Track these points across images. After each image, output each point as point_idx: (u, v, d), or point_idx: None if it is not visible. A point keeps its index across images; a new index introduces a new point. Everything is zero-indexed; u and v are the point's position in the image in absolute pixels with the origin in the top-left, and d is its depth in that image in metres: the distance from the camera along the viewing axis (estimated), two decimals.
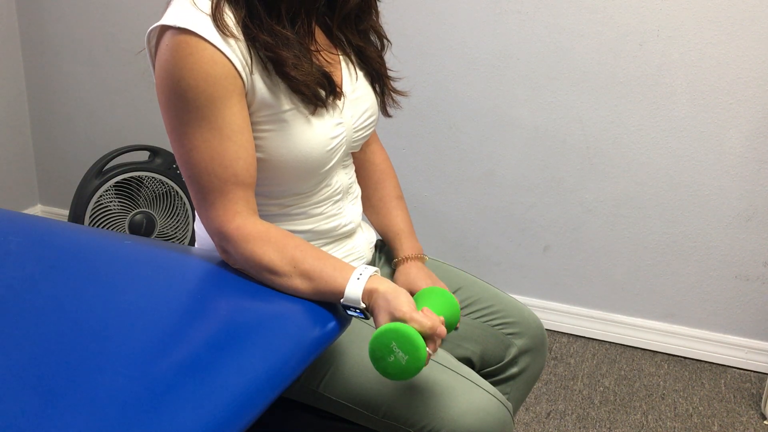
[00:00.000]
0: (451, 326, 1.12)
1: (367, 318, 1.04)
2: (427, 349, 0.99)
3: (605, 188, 2.23)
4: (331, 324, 1.03)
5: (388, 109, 1.31)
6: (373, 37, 1.27)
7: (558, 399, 2.09)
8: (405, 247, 1.33)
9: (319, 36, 1.19)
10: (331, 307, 1.05)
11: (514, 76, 2.21)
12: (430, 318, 1.00)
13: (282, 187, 1.17)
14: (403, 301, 1.00)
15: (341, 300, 1.03)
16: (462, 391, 1.14)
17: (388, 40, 1.29)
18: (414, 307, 1.01)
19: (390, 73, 1.30)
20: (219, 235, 1.09)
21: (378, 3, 1.26)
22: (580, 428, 1.98)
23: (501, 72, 2.21)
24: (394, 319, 1.00)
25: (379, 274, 1.05)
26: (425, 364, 0.99)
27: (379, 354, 0.99)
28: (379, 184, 1.38)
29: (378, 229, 1.38)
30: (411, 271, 1.29)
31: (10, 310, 0.96)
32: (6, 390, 0.82)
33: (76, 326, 0.94)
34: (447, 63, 2.25)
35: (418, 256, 1.32)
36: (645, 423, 2.00)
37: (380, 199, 1.37)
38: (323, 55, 1.17)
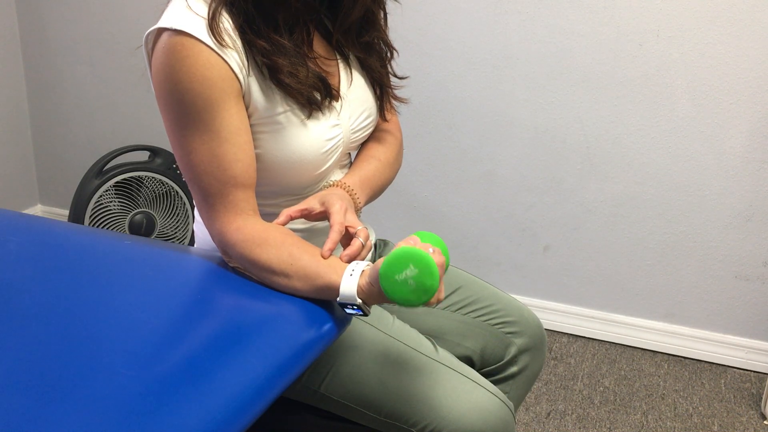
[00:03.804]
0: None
1: (365, 314, 1.02)
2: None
3: (605, 188, 2.23)
4: (331, 324, 1.03)
5: (386, 113, 1.31)
6: (379, 47, 1.25)
7: (558, 399, 2.09)
8: (342, 179, 1.22)
9: (319, 41, 1.19)
10: (330, 307, 1.05)
11: (514, 76, 2.21)
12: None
13: (278, 188, 1.17)
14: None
15: (337, 298, 1.02)
16: (464, 390, 1.14)
17: (395, 50, 1.28)
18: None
19: (396, 81, 1.29)
20: (220, 236, 1.09)
21: (387, 15, 1.25)
22: (580, 428, 1.98)
23: (501, 72, 2.21)
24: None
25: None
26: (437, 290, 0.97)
27: (393, 270, 0.96)
28: (372, 140, 1.31)
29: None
30: (329, 189, 1.19)
31: (10, 310, 0.96)
32: (6, 390, 0.82)
33: (76, 326, 0.94)
34: (447, 63, 2.25)
35: (344, 187, 1.20)
36: (645, 423, 2.00)
37: (362, 150, 1.30)
38: (320, 61, 1.17)
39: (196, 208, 1.17)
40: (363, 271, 1.01)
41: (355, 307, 1.02)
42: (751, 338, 2.24)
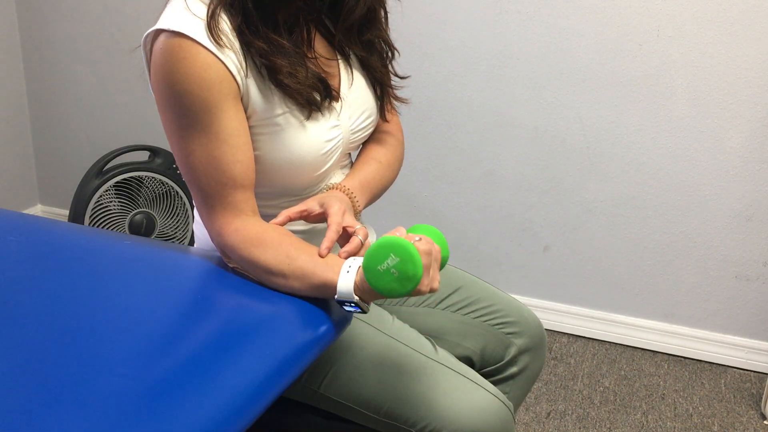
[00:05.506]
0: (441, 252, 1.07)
1: (364, 311, 1.02)
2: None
3: (605, 188, 2.23)
4: (331, 324, 1.03)
5: (386, 113, 1.31)
6: (380, 46, 1.25)
7: (558, 399, 2.09)
8: (342, 182, 1.22)
9: (319, 41, 1.19)
10: (330, 308, 1.05)
11: (514, 76, 2.21)
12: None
13: (278, 189, 1.17)
14: None
15: (335, 296, 1.02)
16: (463, 390, 1.14)
17: (396, 50, 1.28)
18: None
19: (397, 81, 1.29)
20: (219, 237, 1.09)
21: (387, 13, 1.25)
22: (580, 428, 1.98)
23: (501, 72, 2.21)
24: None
25: None
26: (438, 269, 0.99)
27: (375, 261, 0.96)
28: (373, 141, 1.31)
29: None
30: (329, 192, 1.19)
31: (9, 310, 0.96)
32: (6, 390, 0.82)
33: (75, 326, 0.94)
34: (447, 63, 2.25)
35: (344, 190, 1.20)
36: (645, 423, 2.00)
37: (362, 152, 1.30)
38: (321, 61, 1.17)
39: (195, 209, 1.17)
40: (360, 267, 1.01)
41: (352, 304, 1.01)
42: (751, 338, 2.24)
